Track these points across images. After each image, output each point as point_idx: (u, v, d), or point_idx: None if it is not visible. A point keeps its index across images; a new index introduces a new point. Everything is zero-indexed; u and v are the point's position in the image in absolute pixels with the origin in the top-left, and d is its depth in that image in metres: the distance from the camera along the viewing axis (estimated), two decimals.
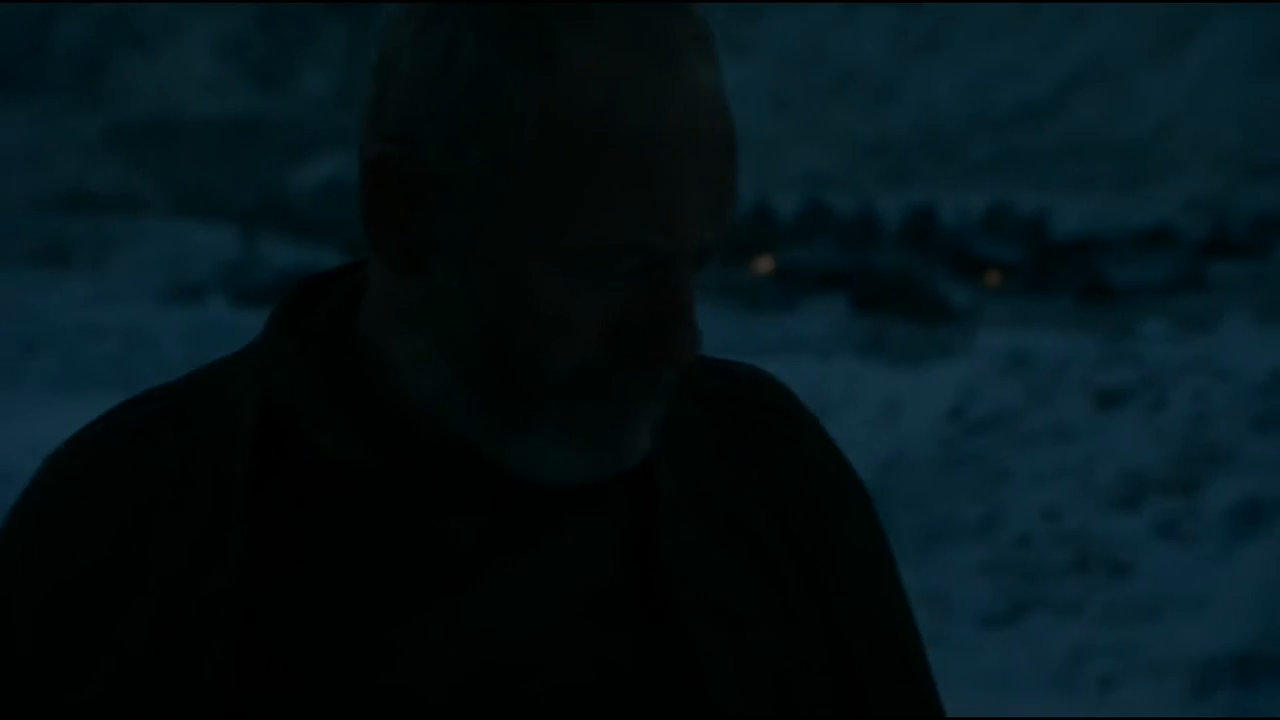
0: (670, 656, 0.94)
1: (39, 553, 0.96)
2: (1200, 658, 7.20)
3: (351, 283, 1.00)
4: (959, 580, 9.40)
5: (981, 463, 10.92)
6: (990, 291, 58.28)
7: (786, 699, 0.97)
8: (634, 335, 0.90)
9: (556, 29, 0.87)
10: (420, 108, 0.88)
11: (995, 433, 11.27)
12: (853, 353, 22.55)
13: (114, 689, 0.92)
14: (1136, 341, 12.49)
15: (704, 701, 0.94)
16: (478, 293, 0.90)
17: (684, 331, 0.89)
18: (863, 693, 1.00)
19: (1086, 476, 10.12)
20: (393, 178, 0.90)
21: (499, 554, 0.94)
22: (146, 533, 0.94)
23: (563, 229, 0.87)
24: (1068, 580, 9.00)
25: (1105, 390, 11.08)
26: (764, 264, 60.94)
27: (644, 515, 0.97)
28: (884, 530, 1.07)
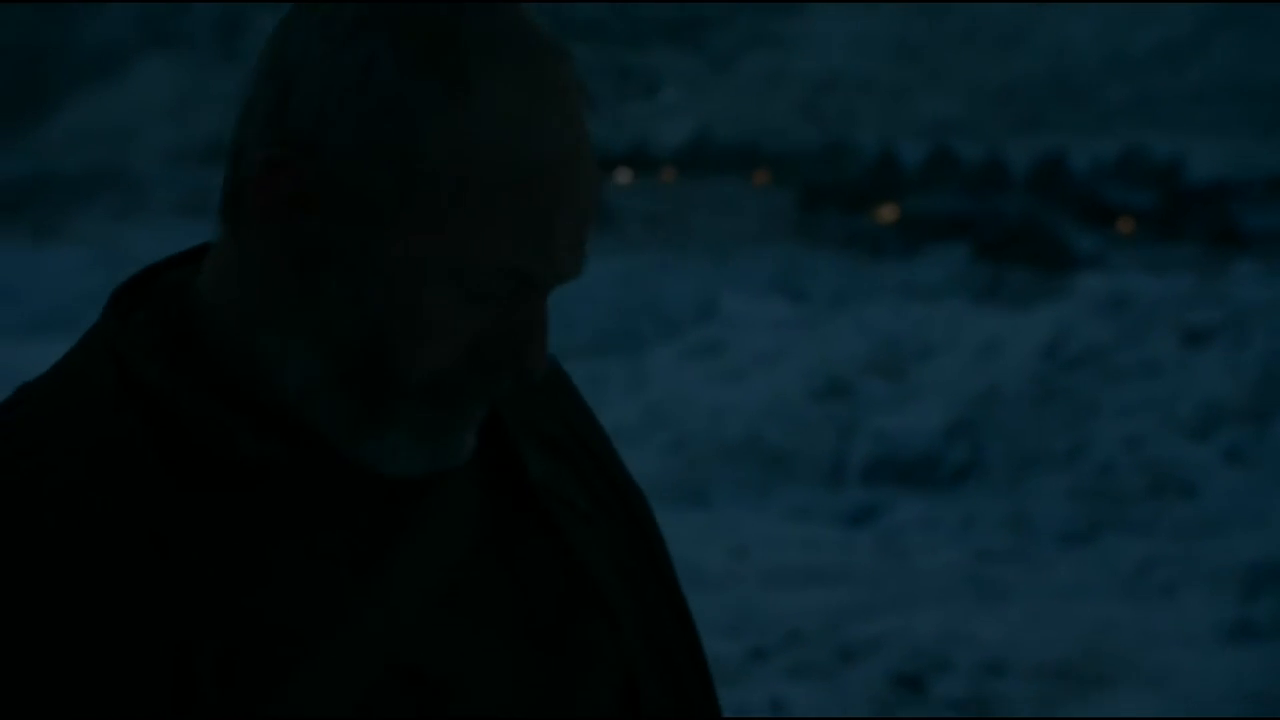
0: (560, 561, 1.05)
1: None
2: (1251, 567, 7.82)
3: (174, 279, 1.01)
4: (1044, 504, 10.05)
5: (1072, 397, 11.50)
6: (1121, 239, 57.65)
7: (629, 578, 1.09)
8: (493, 349, 0.96)
9: (471, 63, 0.91)
10: (328, 119, 0.91)
11: (1087, 369, 11.82)
12: (969, 299, 22.82)
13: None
14: (1227, 282, 12.94)
15: (592, 599, 1.05)
16: (364, 298, 0.93)
17: (537, 349, 0.97)
18: (657, 558, 1.13)
19: (1169, 408, 10.68)
20: (288, 181, 0.93)
21: (401, 512, 0.99)
22: (72, 588, 0.91)
23: (456, 249, 0.92)
24: (1142, 503, 9.63)
25: (1193, 328, 11.59)
26: (888, 212, 60.73)
27: (496, 448, 1.05)
28: None
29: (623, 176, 80.00)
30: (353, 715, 0.95)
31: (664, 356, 15.77)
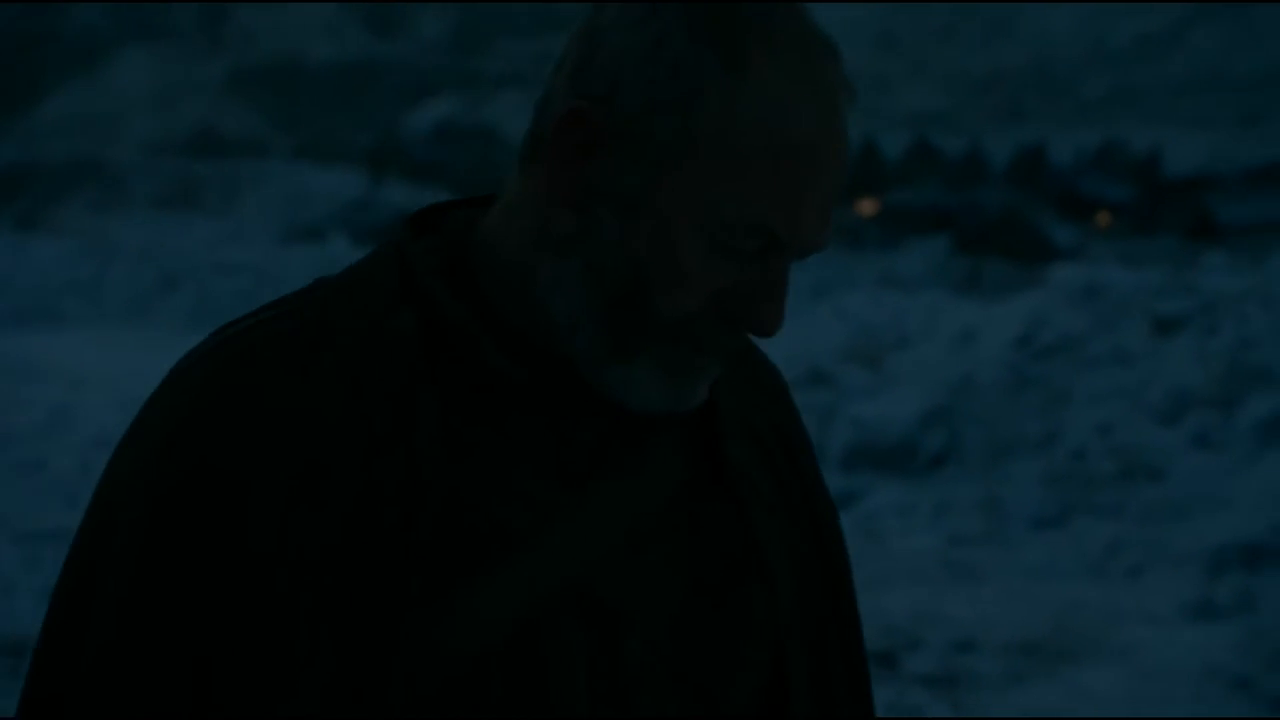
0: (738, 534, 1.16)
1: (252, 449, 1.06)
2: (1215, 548, 8.04)
3: (463, 215, 1.16)
4: (1017, 489, 10.22)
5: (1046, 385, 11.66)
6: (1099, 231, 57.95)
7: (799, 575, 1.19)
8: (735, 302, 1.08)
9: (750, 45, 1.06)
10: (625, 78, 1.07)
11: (1060, 358, 12.00)
12: (948, 290, 22.95)
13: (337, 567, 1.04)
14: (1197, 273, 13.17)
15: (761, 576, 1.16)
16: (632, 237, 1.07)
17: (775, 308, 1.09)
18: (834, 568, 1.24)
19: (1139, 396, 10.87)
20: (583, 127, 1.07)
21: (613, 453, 1.12)
22: (334, 434, 1.06)
23: (716, 201, 1.05)
24: (1112, 487, 9.82)
25: (1164, 317, 11.79)
26: (868, 205, 60.90)
27: (704, 427, 1.17)
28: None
29: None
30: (526, 624, 1.07)
31: None
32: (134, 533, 1.06)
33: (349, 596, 1.04)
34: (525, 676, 1.06)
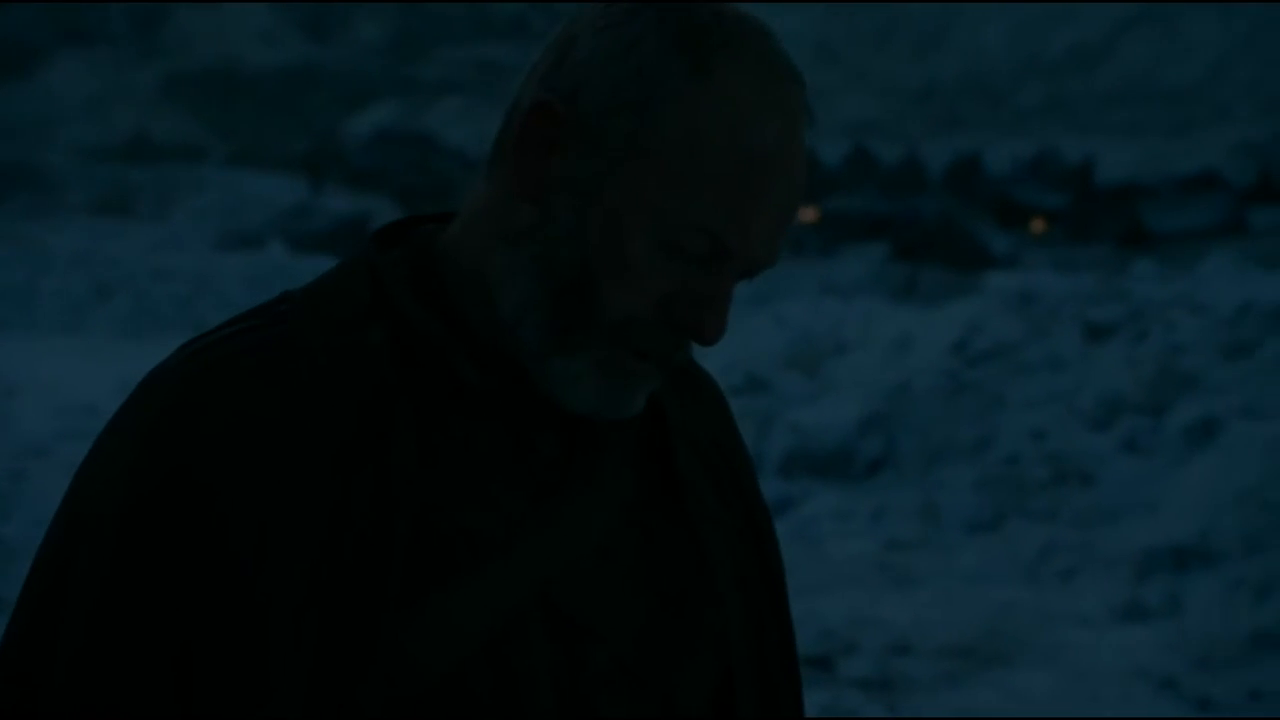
0: (690, 546, 1.18)
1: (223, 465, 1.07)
2: (1143, 551, 8.19)
3: (428, 229, 1.18)
4: (952, 493, 10.35)
5: (980, 391, 11.80)
6: (1033, 238, 58.61)
7: (741, 580, 1.22)
8: (678, 308, 1.10)
9: (717, 54, 1.09)
10: (593, 78, 1.10)
11: (995, 364, 12.14)
12: (886, 297, 23.14)
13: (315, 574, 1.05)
14: (1128, 280, 13.39)
15: (710, 588, 1.18)
16: (583, 229, 1.09)
17: (716, 317, 1.10)
18: (771, 572, 1.26)
19: (1071, 401, 11.04)
20: (549, 121, 1.10)
21: (577, 463, 1.14)
22: (309, 445, 1.07)
23: (666, 200, 1.08)
24: (1045, 491, 9.97)
25: (1096, 324, 11.98)
26: (807, 212, 61.29)
27: (653, 440, 1.20)
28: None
29: None
30: (495, 635, 1.09)
31: None
32: (107, 541, 1.07)
33: (326, 604, 1.05)
34: (494, 687, 1.08)
